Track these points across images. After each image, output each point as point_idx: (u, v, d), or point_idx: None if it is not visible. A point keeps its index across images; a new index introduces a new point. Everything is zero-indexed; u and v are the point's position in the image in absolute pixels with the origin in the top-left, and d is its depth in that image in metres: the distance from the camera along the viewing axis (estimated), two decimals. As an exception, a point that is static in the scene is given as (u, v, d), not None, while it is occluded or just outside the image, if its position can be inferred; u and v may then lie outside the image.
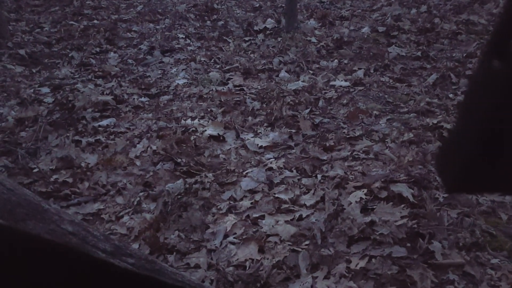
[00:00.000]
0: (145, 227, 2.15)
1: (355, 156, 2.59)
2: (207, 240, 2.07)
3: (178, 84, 3.82)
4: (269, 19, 5.38)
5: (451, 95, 3.32)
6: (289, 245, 1.98)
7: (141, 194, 2.41)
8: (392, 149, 2.62)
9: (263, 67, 4.06)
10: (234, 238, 2.06)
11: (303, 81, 3.69)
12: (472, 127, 0.47)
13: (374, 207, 2.13)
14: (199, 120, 3.10)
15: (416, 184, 2.26)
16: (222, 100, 3.43)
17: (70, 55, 4.62)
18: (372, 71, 3.88)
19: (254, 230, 2.09)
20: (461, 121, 0.51)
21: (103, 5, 6.47)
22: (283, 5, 5.63)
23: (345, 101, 3.33)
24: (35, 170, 2.65)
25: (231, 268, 1.90)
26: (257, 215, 2.18)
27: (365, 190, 2.23)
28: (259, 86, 3.69)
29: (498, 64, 0.41)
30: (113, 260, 0.82)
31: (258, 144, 2.80)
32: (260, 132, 2.97)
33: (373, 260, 1.85)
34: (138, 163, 2.70)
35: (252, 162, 2.62)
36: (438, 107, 3.13)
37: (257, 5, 6.24)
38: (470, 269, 1.80)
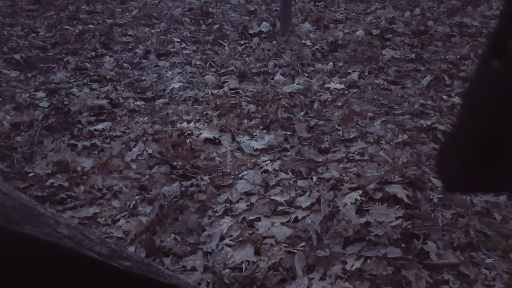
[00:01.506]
0: (141, 230, 2.16)
1: (350, 158, 2.61)
2: (203, 243, 2.08)
3: (173, 87, 3.82)
4: (264, 23, 5.40)
5: (445, 97, 3.35)
6: (285, 246, 1.99)
7: (137, 197, 2.41)
8: (387, 151, 2.64)
9: (259, 70, 4.08)
10: (230, 240, 2.06)
11: (298, 84, 3.71)
12: (471, 126, 0.48)
13: (369, 208, 2.14)
14: (194, 123, 3.11)
15: (411, 185, 2.28)
16: (218, 103, 3.44)
17: (65, 59, 4.62)
18: (366, 73, 3.90)
19: (250, 232, 2.10)
20: (461, 120, 0.52)
21: (98, 10, 6.47)
22: (278, 8, 5.65)
23: (340, 104, 3.35)
24: (30, 175, 2.65)
25: (227, 270, 1.90)
26: (253, 217, 2.19)
27: (360, 192, 2.24)
28: (254, 89, 3.71)
29: (497, 64, 0.42)
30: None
31: (253, 147, 2.81)
32: (256, 135, 2.98)
33: (369, 261, 1.86)
34: (134, 166, 2.70)
35: (248, 165, 2.63)
36: (432, 108, 3.15)
37: (252, 9, 6.26)
38: (464, 269, 1.81)
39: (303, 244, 2.00)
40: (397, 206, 2.13)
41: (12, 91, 3.83)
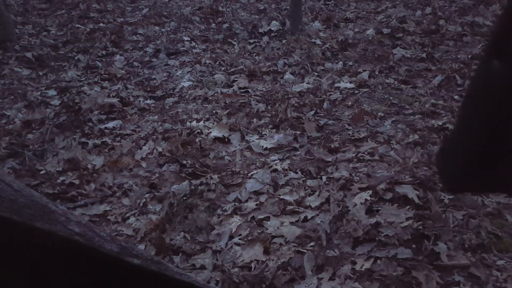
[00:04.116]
0: (151, 228, 2.17)
1: (360, 158, 2.59)
2: (212, 241, 2.08)
3: (183, 86, 3.84)
4: (273, 22, 5.39)
5: (456, 97, 3.31)
6: (294, 246, 1.98)
7: (147, 195, 2.43)
8: (397, 151, 2.62)
9: (268, 69, 4.07)
10: (239, 239, 2.06)
11: (307, 83, 3.70)
12: (473, 127, 0.47)
13: (379, 208, 2.13)
14: (204, 122, 3.12)
15: (421, 185, 2.26)
16: (227, 102, 3.44)
17: (76, 58, 4.66)
18: (377, 72, 3.88)
19: (259, 231, 2.10)
20: (463, 121, 0.51)
21: (109, 8, 6.51)
22: (288, 7, 5.64)
23: (350, 103, 3.33)
24: (42, 172, 2.68)
25: (236, 269, 1.90)
26: (262, 217, 2.19)
27: (370, 192, 2.23)
28: (264, 88, 3.70)
29: (498, 64, 0.41)
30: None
31: (263, 146, 2.81)
32: (265, 134, 2.97)
33: (378, 261, 1.85)
34: (144, 164, 2.71)
35: (257, 164, 2.63)
36: (443, 108, 3.13)
37: (262, 8, 6.25)
38: (475, 271, 1.79)
39: (312, 244, 1.99)
40: (408, 207, 2.11)
41: (23, 89, 3.87)
